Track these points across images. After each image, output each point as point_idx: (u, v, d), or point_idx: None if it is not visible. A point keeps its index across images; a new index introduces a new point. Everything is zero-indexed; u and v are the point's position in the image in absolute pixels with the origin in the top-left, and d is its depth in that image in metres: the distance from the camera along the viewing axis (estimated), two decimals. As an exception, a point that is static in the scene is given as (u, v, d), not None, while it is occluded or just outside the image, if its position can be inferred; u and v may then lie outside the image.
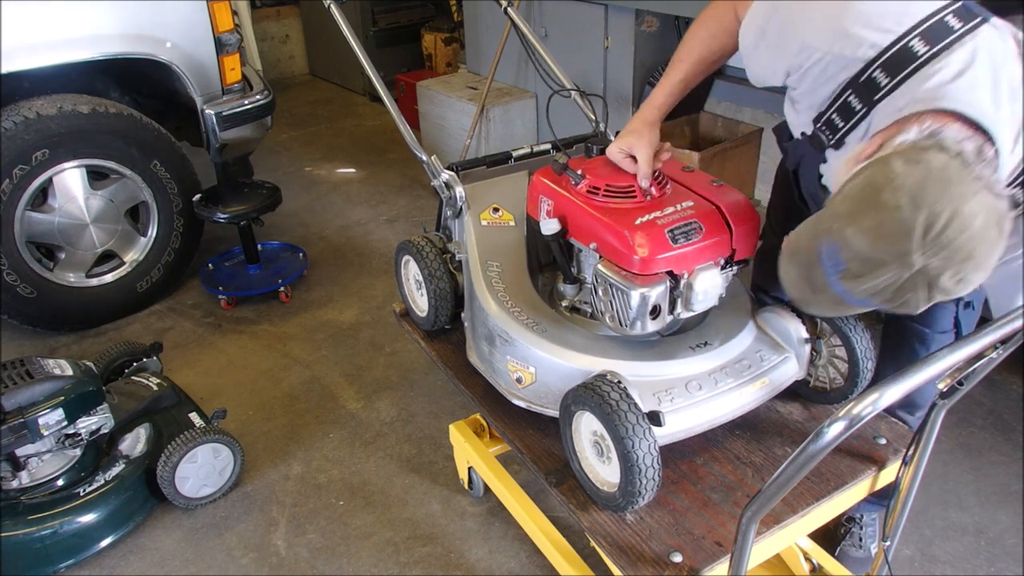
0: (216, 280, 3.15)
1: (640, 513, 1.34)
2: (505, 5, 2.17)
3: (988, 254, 0.96)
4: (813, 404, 1.57)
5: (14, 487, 1.95)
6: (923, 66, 1.12)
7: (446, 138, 4.20)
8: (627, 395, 1.25)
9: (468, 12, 4.28)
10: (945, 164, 0.95)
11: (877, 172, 0.99)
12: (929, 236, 0.93)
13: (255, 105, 3.03)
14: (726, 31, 1.38)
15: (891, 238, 0.94)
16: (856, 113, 1.21)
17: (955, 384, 1.19)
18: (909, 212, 0.93)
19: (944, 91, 1.09)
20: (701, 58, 1.45)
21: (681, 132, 3.43)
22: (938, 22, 1.13)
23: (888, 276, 0.97)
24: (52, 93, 2.66)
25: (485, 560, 1.98)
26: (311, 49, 6.16)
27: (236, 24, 2.97)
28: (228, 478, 2.17)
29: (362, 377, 2.68)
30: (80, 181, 2.77)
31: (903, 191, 0.94)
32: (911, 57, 1.13)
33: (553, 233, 1.48)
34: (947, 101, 1.07)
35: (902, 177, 0.95)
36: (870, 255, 0.97)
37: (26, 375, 1.90)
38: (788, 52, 1.25)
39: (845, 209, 1.00)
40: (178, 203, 3.01)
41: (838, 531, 1.96)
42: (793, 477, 0.99)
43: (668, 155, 1.53)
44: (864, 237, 0.96)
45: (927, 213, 0.92)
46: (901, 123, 1.09)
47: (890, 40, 1.14)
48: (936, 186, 0.93)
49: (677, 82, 1.48)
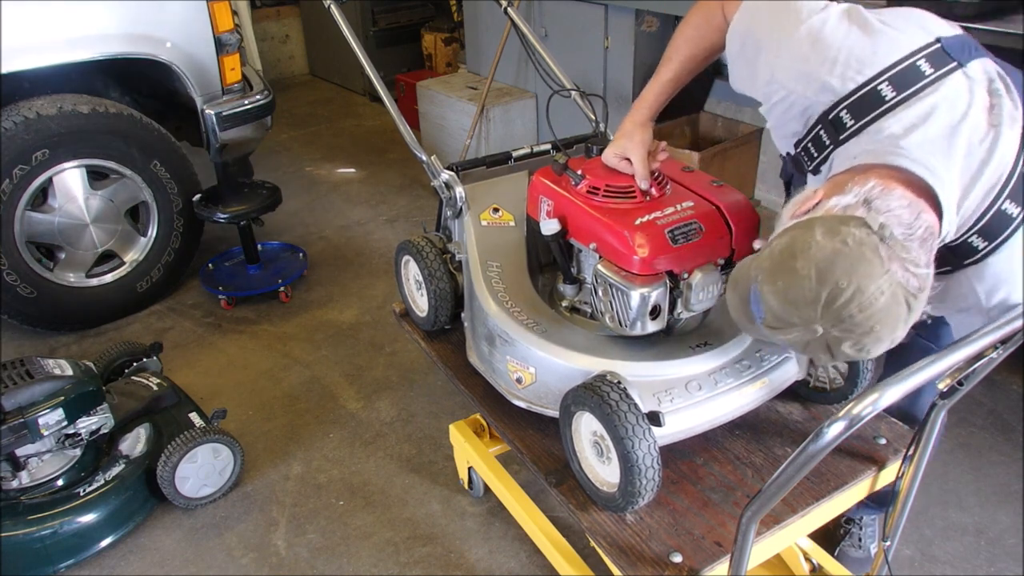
0: (216, 280, 3.15)
1: (640, 513, 1.34)
2: (505, 5, 2.17)
3: (890, 330, 0.99)
4: (813, 404, 1.57)
5: (14, 487, 1.95)
6: (890, 111, 1.12)
7: (446, 138, 4.20)
8: (627, 395, 1.24)
9: (468, 12, 4.28)
10: (861, 241, 0.97)
11: (799, 236, 1.02)
12: (831, 309, 0.97)
13: (255, 105, 3.02)
14: (715, 28, 1.38)
15: (797, 304, 0.99)
16: (825, 148, 1.22)
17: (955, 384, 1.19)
18: (815, 283, 0.97)
19: (895, 147, 1.09)
20: (690, 56, 1.44)
21: (681, 132, 3.44)
22: (909, 67, 1.13)
23: (796, 335, 1.02)
24: (52, 93, 2.66)
25: (485, 560, 1.98)
26: (311, 49, 6.16)
27: (236, 24, 2.97)
28: (228, 478, 2.17)
29: (362, 377, 2.68)
30: (80, 181, 2.77)
31: (813, 262, 0.98)
32: (878, 101, 1.13)
33: (553, 233, 1.48)
34: (898, 158, 1.07)
35: (817, 247, 0.98)
36: (781, 314, 1.02)
37: (26, 375, 1.90)
38: (759, 79, 1.26)
39: (767, 265, 1.04)
40: (178, 203, 3.01)
41: (838, 531, 1.96)
42: (793, 477, 0.99)
43: (665, 155, 1.53)
44: (776, 297, 1.01)
45: (831, 288, 0.96)
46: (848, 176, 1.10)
47: (851, 87, 1.15)
48: (845, 263, 0.96)
49: (667, 81, 1.47)
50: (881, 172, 1.08)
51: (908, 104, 1.12)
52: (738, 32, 1.30)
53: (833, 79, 1.16)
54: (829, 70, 1.16)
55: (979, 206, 1.13)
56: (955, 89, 1.12)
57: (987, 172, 1.11)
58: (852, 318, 0.96)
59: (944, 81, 1.12)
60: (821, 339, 1.00)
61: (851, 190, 1.05)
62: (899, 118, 1.11)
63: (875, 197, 1.03)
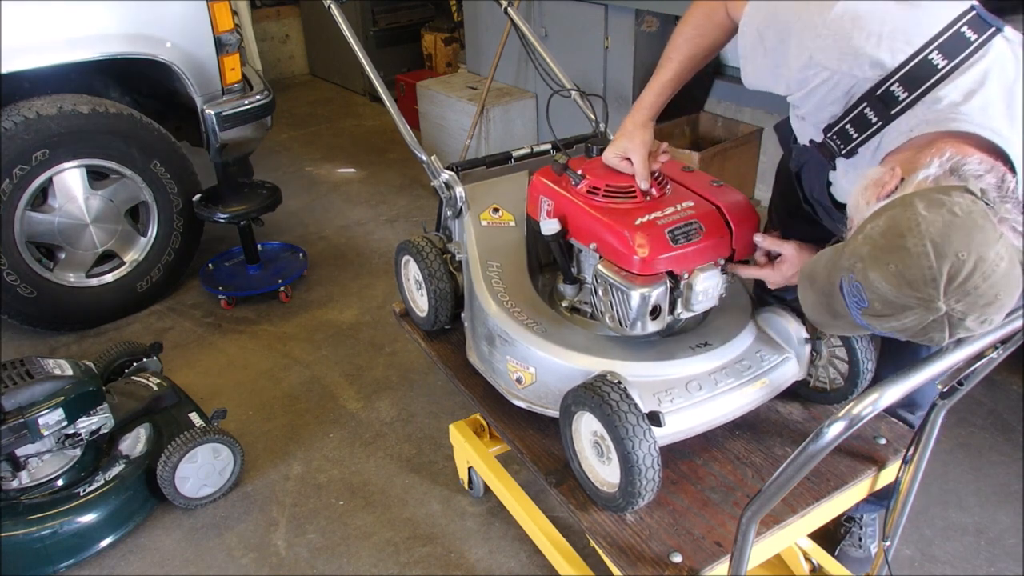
0: (216, 280, 3.15)
1: (640, 513, 1.34)
2: (505, 5, 2.17)
3: (1012, 295, 0.96)
4: (813, 404, 1.57)
5: (14, 487, 1.95)
6: (943, 80, 1.11)
7: (446, 138, 4.20)
8: (627, 395, 1.24)
9: (468, 12, 4.28)
10: (969, 209, 0.94)
11: (900, 215, 0.97)
12: (954, 284, 0.93)
13: (255, 105, 3.02)
14: (716, 26, 1.37)
15: (915, 284, 0.94)
16: (872, 126, 1.19)
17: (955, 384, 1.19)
18: (933, 260, 0.93)
19: (956, 113, 1.08)
20: (691, 55, 1.43)
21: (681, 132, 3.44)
22: (955, 34, 1.12)
23: (912, 318, 0.97)
24: (52, 93, 2.66)
25: (485, 560, 1.98)
26: (311, 49, 6.16)
27: (236, 24, 2.97)
28: (228, 478, 2.17)
29: (362, 377, 2.68)
30: (80, 181, 2.77)
31: (927, 238, 0.93)
32: (931, 71, 1.12)
33: (553, 233, 1.48)
34: (961, 123, 1.06)
35: (926, 222, 0.94)
36: (894, 299, 0.96)
37: (26, 375, 1.90)
38: (789, 65, 1.23)
39: (867, 251, 0.99)
40: (178, 203, 3.01)
41: (838, 531, 1.96)
42: (793, 477, 0.99)
43: (666, 156, 1.53)
44: (888, 282, 0.96)
45: (952, 261, 0.92)
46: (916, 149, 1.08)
47: (902, 59, 1.13)
48: (960, 233, 0.93)
49: (667, 81, 1.46)
50: (948, 140, 1.06)
51: (961, 71, 1.11)
52: (753, 25, 1.28)
53: (882, 53, 1.14)
54: (876, 44, 1.14)
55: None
56: (1001, 52, 1.12)
57: None
58: (977, 289, 0.92)
59: (990, 45, 1.12)
60: (942, 318, 0.95)
61: (932, 162, 1.02)
62: (955, 85, 1.10)
63: (960, 164, 1.01)
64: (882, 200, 1.04)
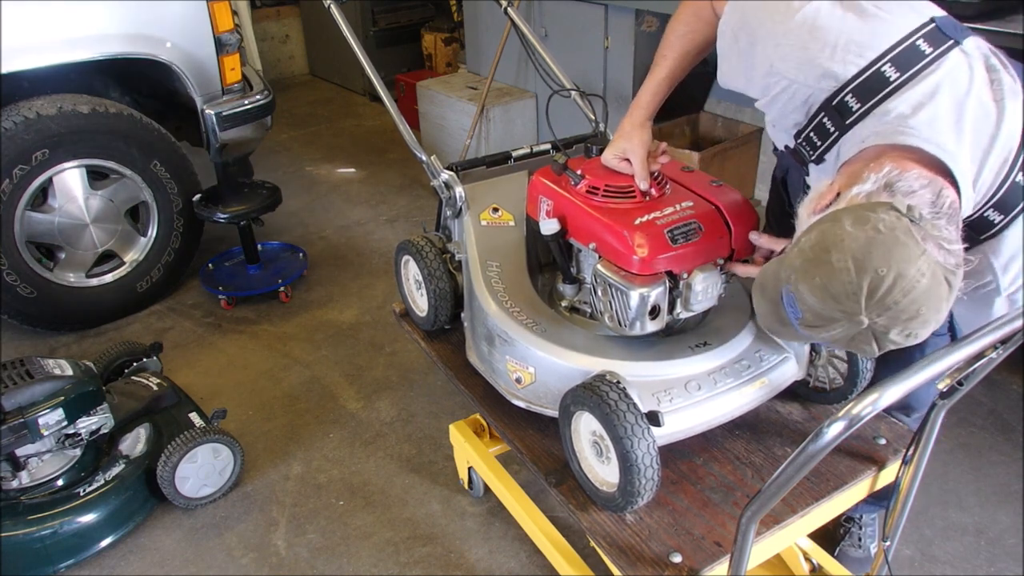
0: (216, 280, 3.15)
1: (640, 513, 1.34)
2: (505, 5, 2.17)
3: (936, 311, 0.98)
4: (813, 404, 1.57)
5: (14, 487, 1.95)
6: (895, 92, 1.12)
7: (446, 138, 4.20)
8: (626, 395, 1.24)
9: (468, 12, 4.28)
10: (892, 225, 0.96)
11: (829, 230, 1.01)
12: (874, 298, 0.95)
13: (255, 105, 3.02)
14: (705, 23, 1.38)
15: (839, 298, 0.97)
16: (830, 135, 1.22)
17: (955, 384, 1.18)
18: (854, 275, 0.96)
19: (904, 126, 1.09)
20: (683, 53, 1.44)
21: (681, 132, 3.44)
22: (909, 47, 1.13)
23: (839, 330, 1.00)
24: (52, 93, 2.66)
25: (485, 560, 1.98)
26: (311, 49, 6.16)
27: (236, 24, 2.97)
28: (228, 478, 2.17)
29: (362, 377, 2.68)
30: (80, 181, 2.77)
31: (849, 253, 0.96)
32: (882, 82, 1.13)
33: (552, 233, 1.48)
34: (907, 136, 1.08)
35: (850, 238, 0.97)
36: (821, 311, 1.00)
37: (26, 375, 1.90)
38: (757, 71, 1.25)
39: (799, 263, 1.02)
40: (178, 203, 3.01)
41: (838, 531, 1.96)
42: (793, 477, 0.99)
43: (666, 157, 1.53)
44: (814, 294, 1.00)
45: (872, 276, 0.95)
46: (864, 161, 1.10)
47: (854, 71, 1.14)
48: (881, 249, 0.95)
49: (662, 79, 1.47)
50: (894, 154, 1.08)
51: (912, 84, 1.12)
52: (729, 26, 1.29)
53: (835, 65, 1.16)
54: (830, 56, 1.16)
55: (994, 180, 1.13)
56: (956, 66, 1.13)
57: (997, 146, 1.11)
58: (897, 304, 0.95)
59: (944, 59, 1.13)
60: (867, 331, 0.98)
61: (868, 177, 1.05)
62: (905, 98, 1.11)
63: (895, 180, 1.03)
64: (818, 214, 1.07)
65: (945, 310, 0.99)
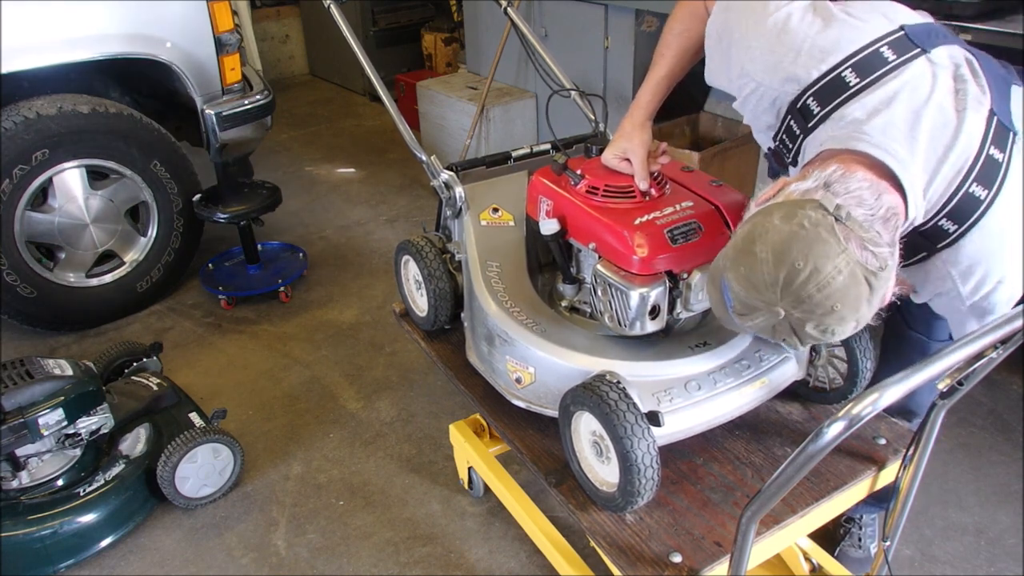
0: (216, 280, 3.15)
1: (640, 513, 1.34)
2: (505, 5, 2.17)
3: (853, 309, 1.00)
4: (813, 404, 1.57)
5: (14, 487, 1.95)
6: (853, 97, 1.14)
7: (446, 138, 4.20)
8: (626, 395, 1.24)
9: (468, 12, 4.27)
10: (817, 222, 0.99)
11: (758, 223, 1.04)
12: (789, 289, 0.99)
13: (255, 105, 3.02)
14: (700, 21, 1.39)
15: (758, 287, 1.01)
16: (796, 137, 1.24)
17: (955, 384, 1.18)
18: (772, 266, 0.99)
19: (858, 131, 1.10)
20: (681, 51, 1.45)
21: (681, 132, 3.44)
22: (872, 53, 1.15)
23: (761, 320, 1.04)
24: (52, 93, 2.66)
25: (485, 560, 1.98)
26: (311, 49, 6.16)
27: (236, 24, 2.97)
28: (228, 478, 2.17)
29: (362, 377, 2.68)
30: (80, 181, 2.77)
31: (770, 245, 1.00)
32: (842, 87, 1.15)
33: (552, 233, 1.48)
34: (859, 142, 1.09)
35: (775, 231, 1.01)
36: (745, 299, 1.04)
37: (26, 375, 1.90)
38: (733, 72, 1.28)
39: (731, 254, 1.06)
40: (178, 203, 3.01)
41: (838, 531, 1.96)
42: (793, 477, 0.99)
43: (666, 157, 1.53)
44: (739, 283, 1.04)
45: (788, 269, 0.98)
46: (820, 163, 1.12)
47: (816, 76, 1.16)
48: (801, 244, 0.98)
49: (661, 79, 1.48)
50: (844, 157, 1.10)
51: (871, 90, 1.13)
52: (715, 26, 1.32)
53: (798, 69, 1.18)
54: (793, 60, 1.18)
55: (947, 189, 1.14)
56: (918, 74, 1.14)
57: (952, 156, 1.12)
58: (811, 298, 0.98)
59: (907, 67, 1.14)
60: (785, 322, 1.02)
61: (812, 175, 1.07)
62: (862, 103, 1.13)
63: (835, 180, 1.05)
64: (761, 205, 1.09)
65: (866, 310, 1.02)
